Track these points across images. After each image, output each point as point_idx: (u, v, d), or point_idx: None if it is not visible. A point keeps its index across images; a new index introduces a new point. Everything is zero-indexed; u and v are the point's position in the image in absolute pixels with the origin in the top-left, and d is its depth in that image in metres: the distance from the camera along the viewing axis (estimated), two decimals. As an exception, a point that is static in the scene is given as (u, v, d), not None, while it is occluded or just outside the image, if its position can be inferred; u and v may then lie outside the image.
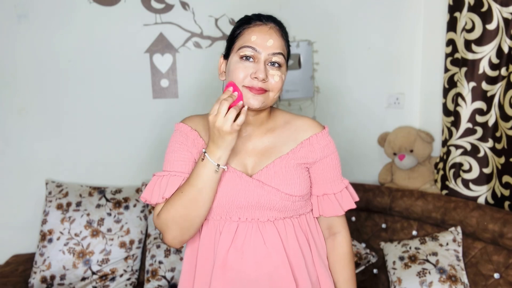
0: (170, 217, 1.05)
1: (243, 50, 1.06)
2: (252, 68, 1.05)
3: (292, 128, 1.16)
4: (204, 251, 1.12)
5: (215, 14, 2.10)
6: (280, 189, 1.08)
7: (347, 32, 2.19)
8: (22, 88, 2.05)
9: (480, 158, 1.87)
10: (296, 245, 1.11)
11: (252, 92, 1.05)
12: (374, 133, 2.29)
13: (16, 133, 2.07)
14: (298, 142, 1.14)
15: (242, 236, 1.09)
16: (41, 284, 1.91)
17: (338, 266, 1.21)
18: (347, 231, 1.23)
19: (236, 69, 1.06)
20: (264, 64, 1.05)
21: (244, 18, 1.11)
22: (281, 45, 1.07)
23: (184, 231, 1.06)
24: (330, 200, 1.16)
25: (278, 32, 1.08)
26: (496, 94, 1.79)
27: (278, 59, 1.06)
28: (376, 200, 2.02)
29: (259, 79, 1.04)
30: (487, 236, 1.70)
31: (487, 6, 1.73)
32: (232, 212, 1.09)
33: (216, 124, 1.00)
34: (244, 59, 1.06)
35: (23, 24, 2.00)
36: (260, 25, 1.07)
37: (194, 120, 1.17)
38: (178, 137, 1.14)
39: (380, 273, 1.94)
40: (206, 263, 1.12)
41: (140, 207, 2.05)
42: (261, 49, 1.05)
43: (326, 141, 1.15)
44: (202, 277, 1.13)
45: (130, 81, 2.10)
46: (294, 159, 1.12)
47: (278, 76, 1.06)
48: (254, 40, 1.05)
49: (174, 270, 1.91)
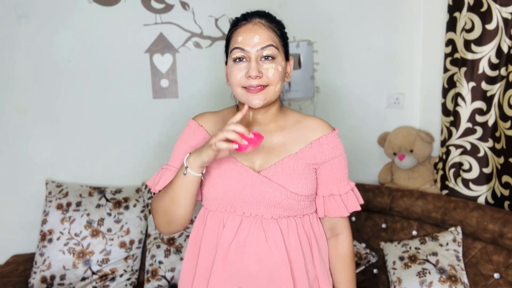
0: (155, 208, 1.14)
1: (233, 52, 1.07)
2: (245, 68, 1.06)
3: (302, 127, 1.16)
4: (207, 241, 1.14)
5: (215, 14, 2.10)
6: (286, 187, 1.09)
7: (347, 32, 2.19)
8: (22, 88, 2.05)
9: (480, 158, 1.87)
10: (297, 244, 1.12)
11: (251, 92, 1.06)
12: (374, 133, 2.29)
13: (16, 133, 2.07)
14: (308, 142, 1.14)
15: (245, 231, 1.10)
16: (41, 284, 1.91)
17: (340, 267, 1.22)
18: (350, 233, 1.25)
19: (231, 72, 1.08)
20: (256, 62, 1.06)
21: (234, 21, 1.12)
22: (269, 37, 1.07)
23: (166, 223, 1.13)
24: (336, 201, 1.17)
25: (263, 25, 1.08)
26: (495, 94, 1.79)
27: (269, 52, 1.06)
28: (376, 200, 2.02)
29: (252, 77, 1.05)
30: (487, 236, 1.70)
31: (487, 6, 1.73)
32: (237, 206, 1.10)
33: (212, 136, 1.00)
34: (238, 61, 1.07)
35: (23, 24, 2.00)
36: (245, 24, 1.08)
37: (205, 117, 1.20)
38: (186, 132, 1.19)
39: (380, 273, 1.94)
40: (208, 254, 1.14)
41: (140, 207, 2.05)
42: (249, 48, 1.06)
43: (336, 142, 1.16)
44: (203, 268, 1.14)
45: (130, 81, 2.10)
46: (303, 158, 1.12)
47: (273, 69, 1.06)
48: (241, 40, 1.06)
49: (174, 270, 1.91)
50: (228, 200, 1.10)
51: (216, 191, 1.11)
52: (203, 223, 1.17)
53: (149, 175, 2.11)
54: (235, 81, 1.07)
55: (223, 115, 1.20)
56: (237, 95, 1.10)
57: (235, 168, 1.10)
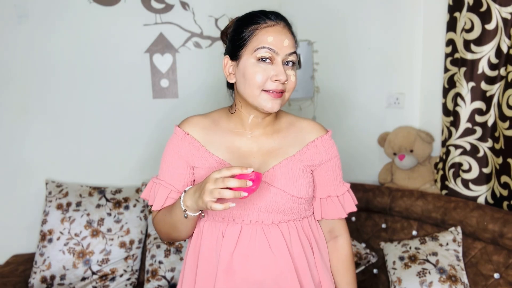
0: (157, 228, 1.16)
1: (260, 51, 1.02)
2: (271, 70, 1.02)
3: (297, 129, 1.15)
4: (206, 252, 1.11)
5: (215, 14, 2.10)
6: (287, 190, 1.07)
7: (347, 32, 2.19)
8: (22, 88, 2.05)
9: (480, 158, 1.87)
10: (300, 248, 1.11)
11: (272, 96, 1.03)
12: (374, 133, 2.29)
13: (16, 133, 2.07)
14: (304, 144, 1.13)
15: (246, 239, 1.07)
16: (41, 284, 1.91)
17: (341, 269, 1.22)
18: (348, 234, 1.24)
19: (254, 72, 1.02)
20: (282, 65, 1.03)
21: (250, 17, 1.06)
22: (293, 44, 1.06)
23: (169, 239, 1.16)
24: (334, 202, 1.17)
25: (288, 30, 1.06)
26: (495, 94, 1.79)
27: (293, 58, 1.05)
28: (376, 200, 2.02)
29: (281, 81, 1.02)
30: (487, 236, 1.70)
31: (486, 6, 1.73)
32: (236, 214, 1.08)
33: (206, 183, 0.94)
34: (261, 61, 1.03)
35: (23, 24, 2.00)
36: (273, 25, 1.04)
37: (192, 122, 1.14)
38: (174, 142, 1.14)
39: (380, 273, 1.94)
40: (208, 265, 1.11)
41: (140, 207, 2.05)
42: (279, 50, 1.02)
43: (330, 144, 1.16)
44: (204, 279, 1.11)
45: (130, 81, 2.10)
46: (301, 161, 1.11)
47: (294, 76, 1.06)
48: (271, 41, 1.02)
49: (174, 270, 1.91)
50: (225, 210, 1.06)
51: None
52: (199, 234, 1.13)
53: (149, 175, 2.11)
54: (258, 82, 1.02)
55: (213, 118, 1.15)
56: (252, 96, 1.04)
57: None
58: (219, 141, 1.11)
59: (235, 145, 1.11)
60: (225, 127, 1.13)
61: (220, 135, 1.12)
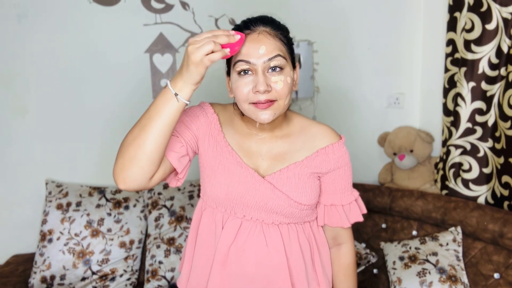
0: (121, 145, 0.98)
1: (238, 65, 0.99)
2: (252, 82, 0.98)
3: (308, 134, 1.12)
4: (203, 239, 1.12)
5: (215, 14, 2.10)
6: (290, 196, 1.07)
7: (347, 32, 2.19)
8: (22, 88, 2.05)
9: (480, 158, 1.87)
10: (298, 250, 1.11)
11: (259, 108, 0.99)
12: (374, 133, 2.29)
13: (16, 133, 2.07)
14: (314, 150, 1.11)
15: (244, 234, 1.09)
16: (41, 284, 1.91)
17: (342, 276, 1.21)
18: (352, 242, 1.24)
19: (237, 87, 1.00)
20: (263, 74, 0.98)
21: (234, 28, 1.03)
22: (276, 47, 0.99)
23: (128, 160, 0.95)
24: (338, 211, 1.15)
25: (269, 34, 1.00)
26: (495, 94, 1.79)
27: (277, 63, 0.98)
28: (376, 200, 2.02)
29: (261, 92, 0.97)
30: (487, 236, 1.70)
31: (487, 6, 1.73)
32: (238, 208, 1.08)
33: (188, 49, 0.89)
34: (243, 74, 0.99)
35: (23, 24, 2.00)
36: (248, 34, 0.99)
37: (219, 107, 1.14)
38: (198, 110, 1.12)
39: (380, 273, 1.94)
40: (204, 253, 1.12)
41: (140, 207, 2.05)
42: (255, 59, 0.97)
43: (342, 152, 1.13)
44: (199, 267, 1.13)
45: (130, 81, 2.10)
46: (309, 167, 1.09)
47: (282, 82, 0.98)
48: (245, 52, 0.98)
49: (174, 270, 1.91)
50: (229, 202, 1.08)
51: (218, 191, 1.08)
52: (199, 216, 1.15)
53: (149, 175, 2.11)
54: (242, 97, 0.99)
55: (230, 112, 1.14)
56: (244, 111, 1.03)
57: (241, 169, 1.07)
58: (232, 136, 1.11)
59: (246, 143, 1.11)
60: (238, 125, 1.13)
61: (234, 131, 1.12)
